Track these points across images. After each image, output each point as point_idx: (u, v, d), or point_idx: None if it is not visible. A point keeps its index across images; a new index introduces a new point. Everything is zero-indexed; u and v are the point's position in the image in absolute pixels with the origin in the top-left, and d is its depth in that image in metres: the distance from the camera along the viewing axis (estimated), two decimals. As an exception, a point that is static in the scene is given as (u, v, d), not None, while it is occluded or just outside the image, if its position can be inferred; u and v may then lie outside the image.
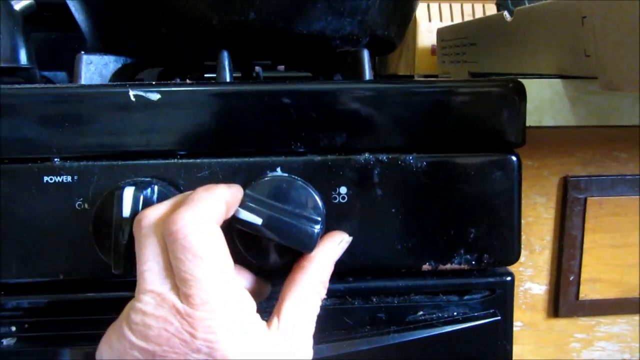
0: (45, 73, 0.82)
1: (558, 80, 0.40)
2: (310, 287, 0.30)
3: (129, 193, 0.29)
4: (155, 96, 0.31)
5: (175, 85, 0.32)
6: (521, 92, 0.34)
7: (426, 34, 0.82)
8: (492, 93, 0.34)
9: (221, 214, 0.28)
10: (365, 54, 0.40)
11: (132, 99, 0.31)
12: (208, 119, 0.32)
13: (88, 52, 0.40)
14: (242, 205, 0.30)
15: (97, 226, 0.30)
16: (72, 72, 0.82)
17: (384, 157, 0.33)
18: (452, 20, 0.80)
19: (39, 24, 0.83)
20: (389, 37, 0.45)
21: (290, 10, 0.38)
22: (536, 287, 0.46)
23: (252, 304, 0.28)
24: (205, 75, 0.61)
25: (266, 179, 0.32)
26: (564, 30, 0.40)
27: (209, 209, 0.27)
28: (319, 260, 0.31)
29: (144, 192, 0.29)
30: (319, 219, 0.31)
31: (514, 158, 0.34)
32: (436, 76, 0.74)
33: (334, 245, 0.32)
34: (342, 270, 0.34)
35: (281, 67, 0.74)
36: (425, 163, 0.33)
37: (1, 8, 0.73)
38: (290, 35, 0.39)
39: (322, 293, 0.31)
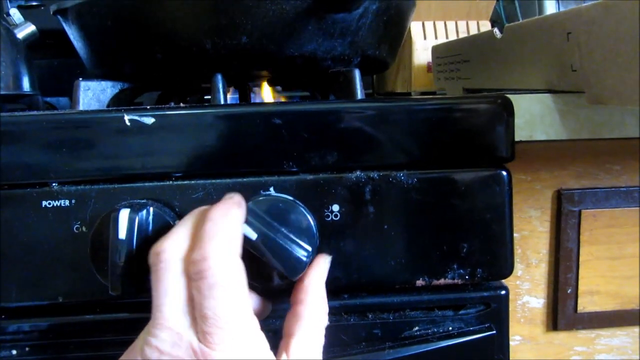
0: (48, 99, 0.84)
1: (547, 95, 0.41)
2: (315, 317, 0.30)
3: (124, 215, 0.29)
4: (149, 120, 0.32)
5: (169, 109, 0.33)
6: (509, 108, 0.34)
7: (422, 51, 0.83)
8: (480, 109, 0.34)
9: (240, 240, 0.28)
10: (357, 74, 0.41)
11: (128, 123, 0.32)
12: (201, 141, 0.33)
13: (87, 78, 0.41)
14: None
15: (94, 249, 0.31)
16: None
17: (375, 174, 0.33)
18: (447, 38, 0.81)
19: (41, 51, 0.85)
20: (381, 57, 0.46)
21: (281, 33, 0.39)
22: (534, 300, 0.46)
23: (264, 341, 0.27)
24: (205, 97, 0.63)
25: (267, 196, 0.32)
26: (551, 46, 0.41)
27: (231, 240, 0.27)
28: (313, 288, 0.31)
29: (139, 214, 0.30)
30: (310, 249, 0.31)
31: (504, 173, 0.34)
32: (433, 93, 0.75)
33: (322, 269, 0.32)
34: (337, 287, 0.34)
35: (279, 87, 0.75)
36: (416, 179, 0.33)
37: (4, 36, 0.74)
38: (282, 57, 0.40)
39: (325, 320, 0.31)
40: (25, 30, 0.80)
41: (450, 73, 0.65)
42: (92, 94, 0.41)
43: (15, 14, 0.81)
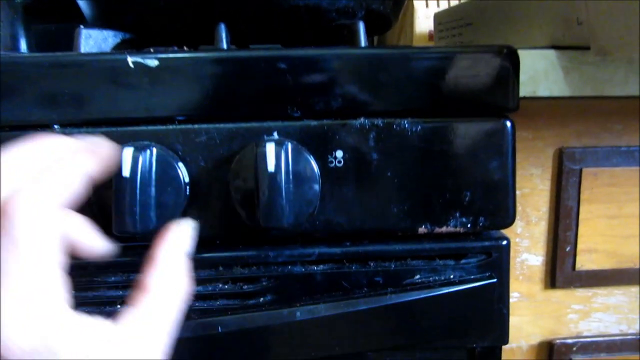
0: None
1: (552, 51, 0.41)
2: (162, 292, 0.27)
3: (128, 153, 0.29)
4: (153, 62, 0.32)
5: (174, 51, 0.33)
6: (514, 57, 0.34)
7: (423, 19, 0.83)
8: (485, 58, 0.34)
9: (75, 191, 0.26)
10: (361, 27, 0.40)
11: (131, 65, 0.32)
12: (206, 85, 0.32)
13: (86, 26, 0.40)
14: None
15: (97, 189, 0.31)
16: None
17: (379, 121, 0.33)
18: (449, 5, 0.81)
19: (38, 15, 0.84)
20: (385, 13, 0.46)
21: (287, -18, 0.38)
22: (533, 258, 0.46)
23: (64, 303, 0.24)
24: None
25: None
26: (556, 1, 0.41)
27: (54, 191, 0.25)
28: (165, 258, 0.28)
29: (142, 153, 0.30)
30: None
31: (508, 123, 0.34)
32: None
33: (179, 235, 0.29)
34: (339, 234, 0.34)
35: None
36: (420, 127, 0.33)
37: (1, -3, 0.73)
38: (286, 6, 0.40)
39: (180, 296, 0.28)
40: (21, -8, 0.79)
41: (453, 38, 0.65)
42: (94, 43, 0.40)
43: (11, -25, 0.80)
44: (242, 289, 0.34)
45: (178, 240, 0.29)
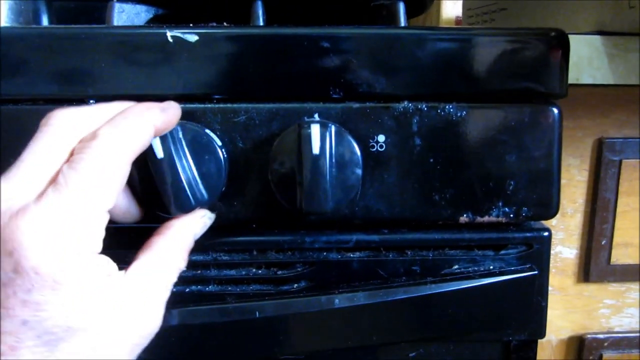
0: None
1: (597, 37, 0.39)
2: (165, 252, 0.29)
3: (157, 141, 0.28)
4: (193, 37, 0.31)
5: (214, 27, 0.32)
6: (564, 41, 0.33)
7: (450, 6, 0.81)
8: (534, 41, 0.33)
9: (144, 142, 0.27)
10: (401, 7, 0.39)
11: (170, 40, 0.31)
12: (246, 63, 0.31)
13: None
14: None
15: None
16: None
17: (423, 105, 0.32)
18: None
19: (59, -9, 0.83)
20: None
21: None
22: (567, 250, 0.45)
23: (96, 245, 0.25)
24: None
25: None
26: (606, -15, 0.39)
27: (132, 139, 0.26)
28: (177, 228, 0.30)
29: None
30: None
31: (555, 110, 0.33)
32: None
33: (196, 218, 0.31)
34: (378, 221, 0.33)
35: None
36: (465, 112, 0.32)
37: (23, -28, 0.72)
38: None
39: (180, 263, 0.29)
40: (43, -34, 0.78)
41: (484, 24, 0.63)
42: (127, 17, 0.39)
43: (33, -51, 0.78)
44: (276, 275, 0.34)
45: (193, 221, 0.31)
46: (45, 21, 0.75)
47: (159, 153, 0.28)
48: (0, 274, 0.22)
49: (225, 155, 0.31)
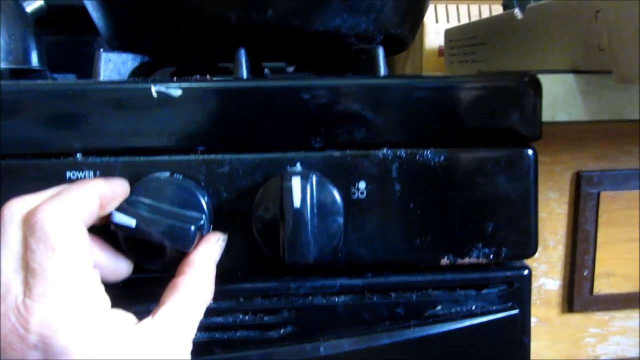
0: (56, 75, 0.83)
1: (571, 75, 0.41)
2: (191, 290, 0.29)
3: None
4: (177, 92, 0.32)
5: (197, 81, 0.33)
6: (537, 86, 0.34)
7: (433, 35, 0.83)
8: (508, 87, 0.34)
9: (91, 209, 0.28)
10: (380, 52, 0.40)
11: (154, 95, 0.32)
12: (229, 115, 0.32)
13: (105, 49, 0.40)
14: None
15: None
16: (82, 74, 0.83)
17: (402, 152, 0.33)
18: (459, 21, 0.80)
19: (48, 27, 0.84)
20: (402, 36, 0.46)
21: (307, 8, 0.38)
22: (550, 282, 0.46)
23: (102, 298, 0.27)
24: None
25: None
26: (578, 26, 0.41)
27: (74, 203, 0.27)
28: (198, 262, 0.30)
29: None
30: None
31: (530, 152, 0.34)
32: (444, 76, 0.75)
33: (212, 246, 0.31)
34: (361, 265, 0.34)
35: (290, 69, 0.74)
36: (443, 157, 0.33)
37: (13, 9, 0.73)
38: (307, 32, 0.39)
39: (208, 297, 0.30)
40: (33, 4, 0.79)
41: (465, 56, 0.65)
42: (113, 66, 0.40)
43: (22, -12, 0.80)
44: (263, 320, 0.34)
45: (211, 249, 0.31)
46: (34, 58, 0.77)
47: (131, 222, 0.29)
48: None
49: (210, 206, 0.32)
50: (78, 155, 0.32)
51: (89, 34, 0.94)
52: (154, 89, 0.32)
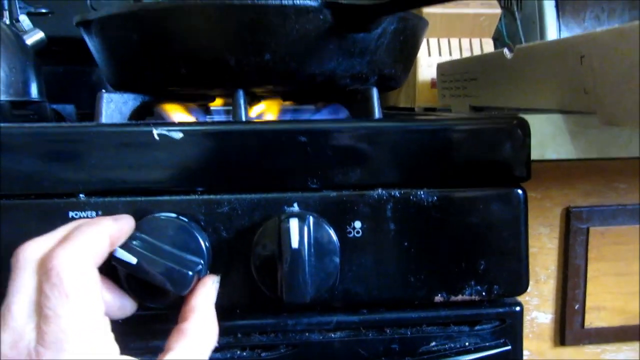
0: (54, 106, 0.84)
1: (559, 116, 0.42)
2: (197, 336, 0.30)
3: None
4: (178, 135, 0.33)
5: (197, 124, 0.34)
6: (525, 129, 0.36)
7: (426, 68, 0.85)
8: (498, 129, 0.35)
9: (102, 250, 0.29)
10: (375, 92, 0.42)
11: (156, 137, 0.33)
12: (227, 156, 0.33)
13: (106, 89, 0.42)
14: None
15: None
16: (80, 104, 0.83)
17: (396, 192, 0.34)
18: (450, 54, 0.82)
19: (47, 58, 0.85)
20: (396, 75, 0.47)
21: (303, 52, 0.40)
22: (542, 316, 0.47)
23: (112, 344, 0.27)
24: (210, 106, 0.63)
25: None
26: (564, 69, 0.42)
27: (87, 247, 0.28)
28: (200, 307, 0.31)
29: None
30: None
31: (520, 192, 0.35)
32: (435, 109, 0.76)
33: (209, 288, 0.32)
34: (357, 303, 0.35)
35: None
36: (436, 197, 0.34)
37: (14, 42, 0.75)
38: (303, 74, 0.41)
39: (212, 341, 0.30)
40: (34, 37, 0.80)
41: (457, 90, 0.67)
42: (115, 106, 0.41)
43: (24, 21, 0.81)
44: (260, 356, 0.35)
45: (209, 291, 0.32)
46: (34, 90, 0.78)
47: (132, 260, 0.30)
48: None
49: (208, 245, 0.33)
50: (81, 195, 0.33)
51: (87, 64, 0.96)
52: (155, 132, 0.33)
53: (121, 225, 0.31)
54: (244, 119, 0.40)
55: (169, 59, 0.40)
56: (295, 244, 0.30)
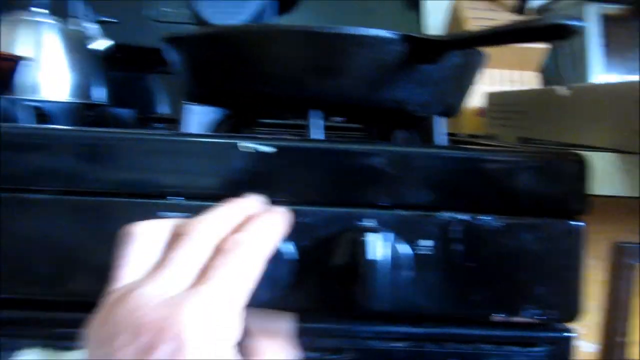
0: (114, 110, 0.88)
1: (613, 155, 0.44)
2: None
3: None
4: (267, 149, 0.36)
5: (285, 140, 0.37)
6: (586, 165, 0.38)
7: (475, 98, 0.87)
8: (561, 164, 0.37)
9: (275, 247, 0.31)
10: (439, 120, 0.44)
11: (246, 150, 0.36)
12: (311, 171, 0.36)
13: (188, 101, 0.45)
14: None
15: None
16: (140, 109, 0.87)
17: (465, 216, 0.37)
18: (498, 85, 0.85)
19: (111, 63, 0.90)
20: (456, 104, 0.50)
21: (377, 79, 0.43)
22: (587, 345, 0.48)
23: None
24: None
25: None
26: (620, 111, 0.45)
27: (266, 245, 0.30)
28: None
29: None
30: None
31: (581, 224, 0.38)
32: (481, 136, 0.79)
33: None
34: (420, 315, 0.37)
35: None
36: (502, 224, 0.37)
37: (84, 48, 0.79)
38: (374, 99, 0.44)
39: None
40: (102, 43, 0.85)
41: (506, 121, 0.69)
42: (196, 118, 0.45)
43: (94, 29, 0.86)
44: (325, 358, 0.37)
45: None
46: (100, 94, 0.82)
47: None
48: (159, 355, 0.25)
49: (293, 251, 0.35)
50: (169, 197, 0.36)
51: (147, 71, 1.01)
52: (244, 145, 0.36)
53: (289, 225, 0.33)
54: (318, 137, 0.42)
55: (251, 78, 0.43)
56: (372, 255, 0.33)
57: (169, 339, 0.25)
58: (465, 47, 0.43)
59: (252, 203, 0.33)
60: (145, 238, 0.29)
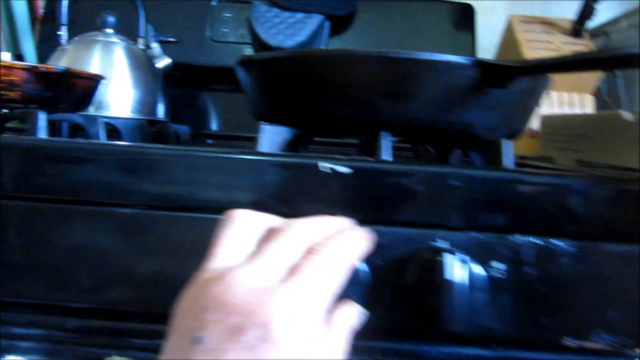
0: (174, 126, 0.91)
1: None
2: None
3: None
4: (345, 170, 0.37)
5: (363, 161, 0.38)
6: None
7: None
8: (636, 190, 0.38)
9: (356, 260, 0.33)
10: (507, 144, 0.45)
11: (324, 170, 0.37)
12: (386, 192, 0.37)
13: (262, 121, 0.47)
14: None
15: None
16: (194, 126, 0.89)
17: (537, 240, 0.37)
18: (551, 107, 0.85)
19: (170, 83, 0.94)
20: (520, 127, 0.50)
21: (447, 102, 0.44)
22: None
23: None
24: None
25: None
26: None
27: (353, 254, 0.32)
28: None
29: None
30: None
31: (652, 251, 0.38)
32: (536, 158, 0.78)
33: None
34: (490, 338, 0.38)
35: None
36: (574, 249, 0.37)
37: (148, 67, 0.83)
38: (443, 122, 0.45)
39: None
40: (163, 62, 0.89)
41: (563, 144, 0.69)
42: (269, 137, 0.47)
43: (156, 48, 0.90)
44: (394, 377, 0.38)
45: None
46: (161, 110, 0.85)
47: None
48: (249, 340, 0.26)
49: (368, 270, 0.37)
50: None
51: (201, 89, 1.05)
52: (323, 165, 0.37)
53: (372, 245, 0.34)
54: (388, 158, 0.44)
55: (326, 100, 0.45)
56: (450, 276, 0.34)
57: (258, 324, 0.26)
58: (536, 74, 0.44)
59: (342, 220, 0.35)
60: (243, 225, 0.32)
